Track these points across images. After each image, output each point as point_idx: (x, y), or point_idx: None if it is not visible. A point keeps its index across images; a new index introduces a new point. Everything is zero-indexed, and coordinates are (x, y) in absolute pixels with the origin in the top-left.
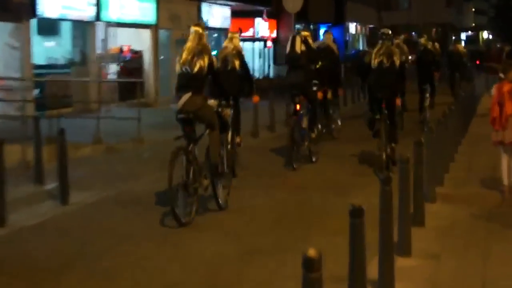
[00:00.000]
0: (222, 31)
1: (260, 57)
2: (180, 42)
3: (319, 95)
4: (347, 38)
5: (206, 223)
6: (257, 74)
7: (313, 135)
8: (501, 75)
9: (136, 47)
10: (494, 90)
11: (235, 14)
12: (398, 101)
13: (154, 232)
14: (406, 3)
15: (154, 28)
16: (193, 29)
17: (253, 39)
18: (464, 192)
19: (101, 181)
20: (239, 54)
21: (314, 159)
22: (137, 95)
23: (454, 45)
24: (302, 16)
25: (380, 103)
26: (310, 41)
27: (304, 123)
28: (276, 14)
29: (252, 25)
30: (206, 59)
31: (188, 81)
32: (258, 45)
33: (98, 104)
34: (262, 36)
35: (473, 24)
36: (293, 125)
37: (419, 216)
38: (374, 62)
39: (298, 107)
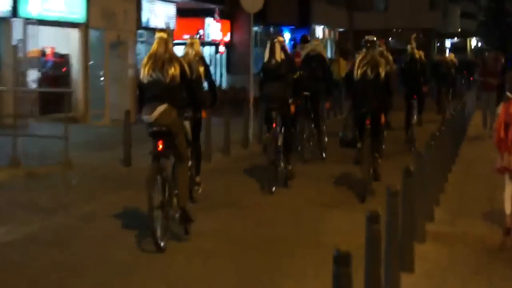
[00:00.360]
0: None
1: (210, 64)
2: (115, 46)
3: (292, 109)
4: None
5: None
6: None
7: (290, 155)
8: (509, 94)
9: (62, 50)
10: (500, 109)
11: (181, 13)
12: (383, 118)
13: (92, 282)
14: (383, 4)
15: (83, 27)
16: (158, 34)
17: (202, 43)
18: (458, 229)
19: (20, 213)
20: (203, 61)
21: (288, 182)
22: (63, 108)
23: (442, 54)
24: (261, 17)
25: (363, 119)
26: (287, 48)
27: (280, 141)
28: (230, 14)
29: (202, 26)
30: (178, 67)
31: (161, 91)
32: (209, 50)
33: (14, 118)
34: (213, 40)
35: (459, 30)
36: (270, 144)
37: (408, 260)
38: (357, 74)
39: (274, 122)
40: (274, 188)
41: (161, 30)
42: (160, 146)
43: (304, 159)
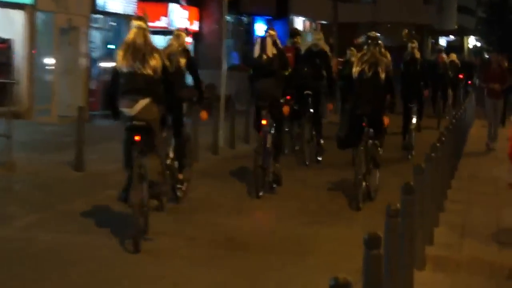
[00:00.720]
0: (124, 19)
1: None
2: (65, 31)
3: (285, 109)
4: None
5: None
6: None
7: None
8: None
9: (4, 35)
10: None
11: None
12: (387, 120)
13: None
14: None
15: (30, 9)
16: (135, 23)
17: (165, 32)
18: (461, 253)
19: None
20: (187, 53)
21: (275, 186)
22: (3, 102)
23: (438, 53)
24: (233, 6)
25: (361, 121)
26: (278, 42)
27: (269, 143)
28: (198, 0)
29: (165, 13)
30: (159, 58)
31: (144, 84)
32: None
33: None
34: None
35: (456, 27)
36: (260, 144)
37: None
38: (355, 72)
39: (264, 122)
40: (261, 193)
41: (139, 18)
42: (138, 138)
43: (304, 162)
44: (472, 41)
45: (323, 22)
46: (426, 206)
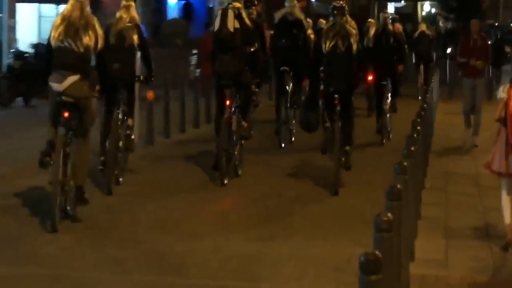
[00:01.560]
0: None
1: None
2: None
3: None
4: (211, 5)
5: None
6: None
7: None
8: None
9: None
10: (502, 95)
11: None
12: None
13: None
14: None
15: None
16: None
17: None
18: (449, 271)
19: None
20: (138, 28)
21: (240, 172)
22: None
23: (394, 23)
24: None
25: (332, 98)
26: (245, 15)
27: (234, 125)
28: None
29: None
30: (93, 36)
31: (73, 60)
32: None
33: None
34: None
35: None
36: (224, 126)
37: None
38: (326, 47)
39: (228, 102)
40: (226, 181)
41: None
42: (66, 116)
43: (280, 145)
44: (426, 8)
45: None
46: (407, 213)
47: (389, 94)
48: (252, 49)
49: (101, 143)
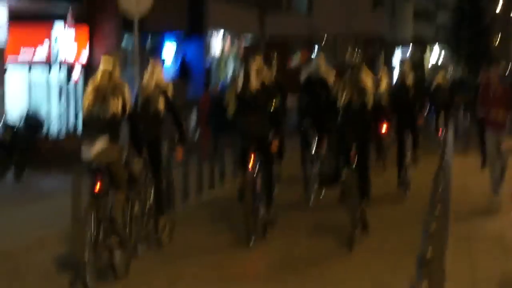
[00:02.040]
0: None
1: (60, 97)
2: None
3: (274, 146)
4: (209, 61)
5: None
6: (56, 127)
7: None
8: None
9: None
10: None
11: (16, 17)
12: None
13: None
14: (305, 1)
15: None
16: (102, 67)
17: (49, 64)
18: None
19: None
20: (165, 94)
21: (267, 234)
22: None
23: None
24: (132, 23)
25: (348, 152)
26: (265, 73)
27: (259, 186)
28: (88, 18)
29: (48, 36)
30: (120, 101)
31: (101, 127)
32: (57, 75)
33: None
34: (64, 61)
35: (412, 36)
36: (248, 188)
37: None
38: (343, 101)
39: (252, 160)
40: (252, 241)
41: (107, 56)
42: (98, 187)
43: (308, 204)
44: (436, 51)
45: (248, 40)
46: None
47: (409, 147)
48: (273, 108)
49: None
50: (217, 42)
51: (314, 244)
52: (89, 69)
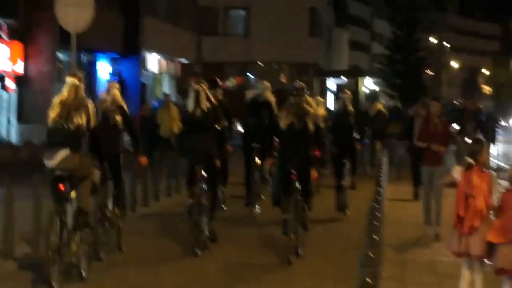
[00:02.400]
0: None
1: None
2: None
3: (217, 163)
4: (144, 80)
5: None
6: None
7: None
8: (469, 159)
9: None
10: (457, 176)
11: None
12: (315, 174)
13: None
14: (242, 26)
15: None
16: (69, 80)
17: None
18: None
19: None
20: (121, 109)
21: (208, 245)
22: None
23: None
24: (69, 40)
25: (290, 174)
26: (211, 95)
27: (204, 199)
28: (24, 33)
29: None
30: (84, 116)
31: (65, 138)
32: None
33: None
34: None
35: (346, 67)
36: (194, 203)
37: None
38: (284, 124)
39: (200, 178)
40: (198, 251)
41: (72, 74)
42: (61, 192)
43: (254, 215)
44: (369, 85)
45: (184, 60)
46: None
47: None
48: (219, 128)
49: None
50: (153, 62)
51: (257, 255)
52: (23, 81)
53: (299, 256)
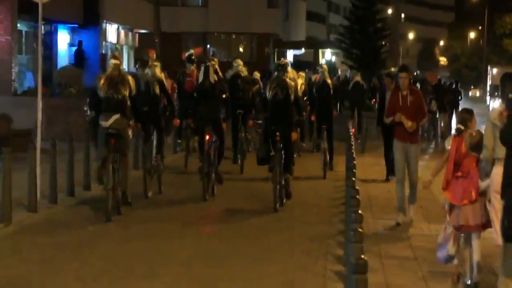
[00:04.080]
0: None
1: None
2: None
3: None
4: (104, 51)
5: None
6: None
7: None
8: (460, 126)
9: None
10: (448, 144)
11: None
12: (295, 135)
13: None
14: None
15: None
16: (112, 61)
17: None
18: None
19: None
20: (160, 83)
21: (215, 192)
22: None
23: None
24: (28, 11)
25: (274, 136)
26: (219, 70)
27: (212, 155)
28: None
29: None
30: (128, 87)
31: (115, 105)
32: None
33: None
34: None
35: (304, 39)
36: (206, 155)
37: None
38: (269, 95)
39: (208, 137)
40: (207, 196)
41: (114, 57)
42: (112, 145)
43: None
44: (327, 56)
45: (143, 31)
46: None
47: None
48: (224, 96)
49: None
50: (112, 33)
51: (245, 202)
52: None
53: (290, 198)
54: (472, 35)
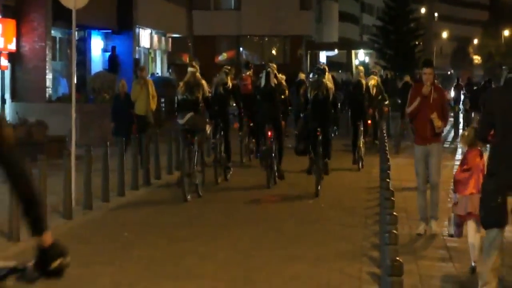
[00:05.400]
0: None
1: None
2: None
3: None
4: (137, 56)
5: None
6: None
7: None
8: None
9: None
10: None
11: None
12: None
13: None
14: (232, 3)
15: None
16: (190, 69)
17: None
18: None
19: None
20: (231, 87)
21: (276, 181)
22: None
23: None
24: (63, 17)
25: (315, 130)
26: (277, 74)
27: (274, 148)
28: (17, 10)
29: None
30: (201, 91)
31: (190, 105)
32: None
33: None
34: None
35: (336, 40)
36: (269, 149)
37: None
38: (311, 94)
39: (270, 133)
40: (271, 184)
41: (192, 65)
42: (189, 138)
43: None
44: (361, 56)
45: (176, 35)
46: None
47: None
48: (283, 97)
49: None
50: (146, 38)
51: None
52: (16, 58)
53: (318, 195)
54: (506, 33)
